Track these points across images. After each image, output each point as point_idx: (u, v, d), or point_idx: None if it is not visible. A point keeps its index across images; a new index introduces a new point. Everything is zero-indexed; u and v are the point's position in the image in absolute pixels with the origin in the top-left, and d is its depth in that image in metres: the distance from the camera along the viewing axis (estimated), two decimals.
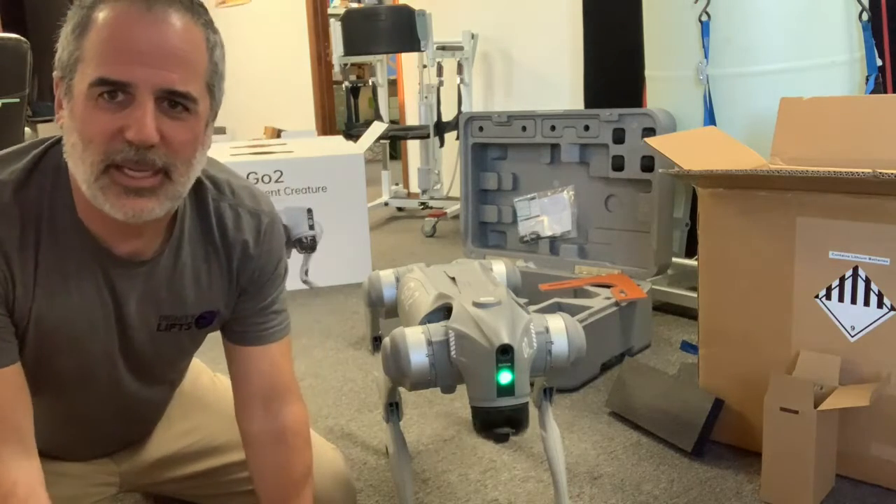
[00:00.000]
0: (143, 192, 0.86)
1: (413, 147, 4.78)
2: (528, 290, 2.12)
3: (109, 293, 0.97)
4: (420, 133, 3.99)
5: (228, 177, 1.05)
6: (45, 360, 0.96)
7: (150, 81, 0.82)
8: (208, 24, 0.89)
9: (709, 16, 2.10)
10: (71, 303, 0.94)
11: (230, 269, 1.04)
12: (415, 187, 4.64)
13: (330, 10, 5.36)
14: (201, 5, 0.89)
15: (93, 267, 0.94)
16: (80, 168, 0.85)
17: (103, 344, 0.99)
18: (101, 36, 0.83)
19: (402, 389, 1.38)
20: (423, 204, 4.25)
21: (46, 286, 0.92)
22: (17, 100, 2.56)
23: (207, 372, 1.34)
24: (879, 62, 2.15)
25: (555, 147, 2.50)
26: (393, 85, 4.83)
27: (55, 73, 0.88)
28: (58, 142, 0.93)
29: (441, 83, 3.91)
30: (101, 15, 0.83)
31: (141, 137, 0.82)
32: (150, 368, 1.08)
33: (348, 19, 3.93)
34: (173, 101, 0.85)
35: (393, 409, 1.31)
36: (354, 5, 4.82)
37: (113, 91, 0.82)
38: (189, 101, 0.86)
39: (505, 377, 0.99)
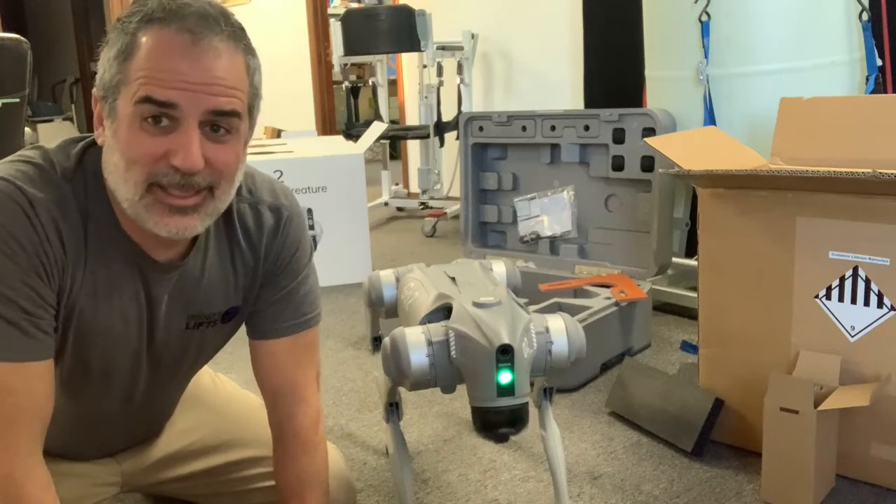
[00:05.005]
0: (186, 210, 0.88)
1: (413, 147, 4.78)
2: (528, 290, 2.12)
3: (145, 296, 0.99)
4: (420, 133, 3.99)
5: (248, 172, 1.06)
6: (76, 358, 0.97)
7: (194, 104, 0.84)
8: (248, 49, 0.91)
9: (709, 16, 2.10)
10: (112, 302, 0.96)
11: (256, 266, 1.06)
12: (415, 187, 4.64)
13: (330, 10, 5.35)
14: (241, 29, 0.91)
15: (132, 270, 0.96)
16: (122, 187, 0.87)
17: (134, 343, 1.01)
18: (146, 61, 0.84)
19: (402, 389, 1.38)
20: (423, 204, 4.25)
21: (92, 284, 0.93)
22: (17, 100, 2.56)
23: (208, 371, 1.35)
24: (879, 62, 2.15)
25: (555, 147, 2.50)
26: (393, 85, 4.83)
27: (95, 92, 0.90)
28: (91, 145, 0.94)
29: (441, 83, 3.91)
30: (145, 41, 0.85)
31: (187, 165, 0.85)
32: (171, 367, 1.09)
33: (348, 19, 3.93)
34: (215, 126, 0.87)
35: (393, 409, 1.31)
36: (354, 5, 4.81)
37: (157, 116, 0.84)
38: (233, 119, 0.88)
39: (505, 377, 0.99)
